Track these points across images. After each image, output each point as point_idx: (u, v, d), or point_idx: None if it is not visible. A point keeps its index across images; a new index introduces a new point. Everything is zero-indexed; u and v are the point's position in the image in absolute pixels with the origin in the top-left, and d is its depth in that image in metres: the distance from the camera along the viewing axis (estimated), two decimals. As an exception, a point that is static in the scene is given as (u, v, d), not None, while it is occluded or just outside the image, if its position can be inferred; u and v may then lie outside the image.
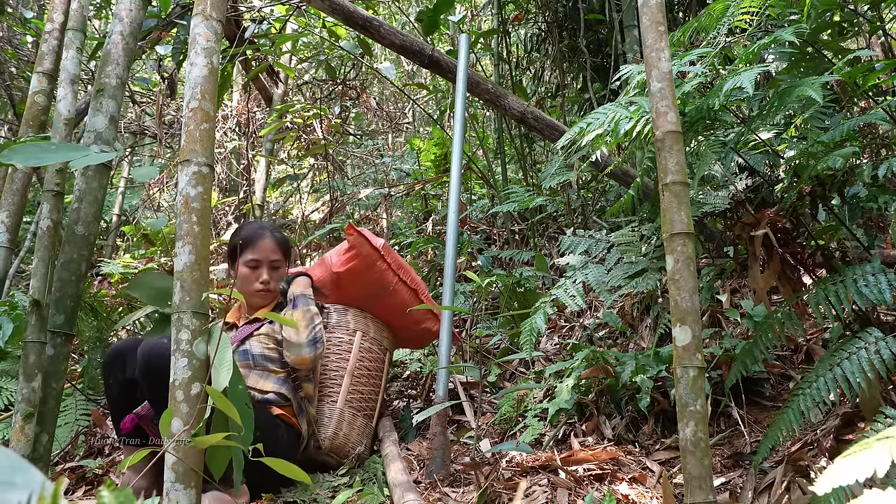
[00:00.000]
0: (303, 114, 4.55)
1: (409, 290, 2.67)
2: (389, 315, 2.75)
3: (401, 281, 2.65)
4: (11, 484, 0.43)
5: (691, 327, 1.38)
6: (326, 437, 2.48)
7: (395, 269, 2.63)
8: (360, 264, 2.58)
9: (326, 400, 2.55)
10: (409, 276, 2.68)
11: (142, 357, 1.96)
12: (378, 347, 2.72)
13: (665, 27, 1.56)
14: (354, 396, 2.58)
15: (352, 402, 2.56)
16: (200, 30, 1.58)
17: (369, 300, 2.69)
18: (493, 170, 4.74)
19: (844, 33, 2.09)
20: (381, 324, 2.77)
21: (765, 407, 2.20)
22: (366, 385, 2.64)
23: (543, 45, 4.94)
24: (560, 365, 2.63)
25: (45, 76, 1.95)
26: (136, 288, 1.55)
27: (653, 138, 1.55)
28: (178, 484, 1.32)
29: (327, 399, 2.55)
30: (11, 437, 1.60)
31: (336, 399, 2.54)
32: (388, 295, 2.65)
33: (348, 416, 2.53)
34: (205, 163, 1.51)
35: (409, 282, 2.67)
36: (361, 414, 2.58)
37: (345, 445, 2.50)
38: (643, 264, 2.24)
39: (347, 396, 2.55)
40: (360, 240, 2.57)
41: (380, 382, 2.71)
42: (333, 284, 2.65)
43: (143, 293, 1.55)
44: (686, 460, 1.32)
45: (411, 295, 2.68)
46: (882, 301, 1.60)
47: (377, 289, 2.64)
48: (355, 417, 2.55)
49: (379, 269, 2.60)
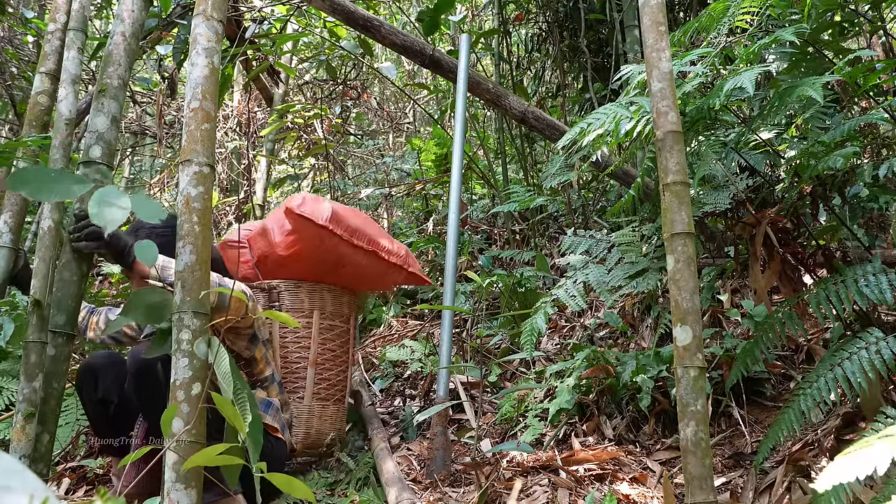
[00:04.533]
0: (303, 114, 4.55)
1: (367, 253, 2.48)
2: (348, 281, 2.62)
3: (355, 248, 2.45)
4: (8, 488, 0.43)
5: (692, 327, 1.38)
6: (298, 440, 2.42)
7: (349, 237, 2.41)
8: (305, 247, 2.41)
9: (292, 397, 2.46)
10: (364, 238, 2.47)
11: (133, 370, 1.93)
12: (339, 320, 2.59)
13: (666, 27, 1.56)
14: (321, 386, 2.49)
15: (319, 392, 2.48)
16: (201, 30, 1.58)
17: (323, 274, 2.55)
18: (494, 170, 4.74)
19: (845, 33, 2.09)
20: (339, 289, 2.62)
21: (765, 407, 2.20)
22: (331, 369, 2.54)
23: (544, 45, 4.93)
24: (561, 365, 2.63)
25: (47, 76, 1.95)
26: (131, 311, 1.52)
27: (653, 138, 1.55)
28: (179, 484, 1.33)
29: (293, 397, 2.46)
30: (12, 436, 1.60)
31: (302, 395, 2.46)
32: (344, 265, 2.50)
33: (318, 409, 2.46)
34: (206, 163, 1.51)
35: (364, 245, 2.46)
36: (331, 401, 2.51)
37: (319, 440, 2.45)
38: (644, 264, 2.24)
39: (314, 389, 2.47)
40: (302, 223, 2.35)
41: (346, 358, 2.61)
42: (278, 264, 2.48)
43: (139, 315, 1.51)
44: (687, 460, 1.32)
45: (370, 257, 2.49)
46: (883, 301, 1.60)
47: (330, 263, 2.49)
48: (325, 408, 2.48)
49: (329, 244, 2.40)
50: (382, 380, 3.31)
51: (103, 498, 0.62)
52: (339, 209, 2.42)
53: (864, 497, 1.44)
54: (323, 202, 2.40)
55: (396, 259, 2.58)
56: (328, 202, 2.41)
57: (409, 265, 2.63)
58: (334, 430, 2.50)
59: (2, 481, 0.43)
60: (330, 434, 2.48)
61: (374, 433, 2.53)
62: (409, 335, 3.73)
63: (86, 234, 1.68)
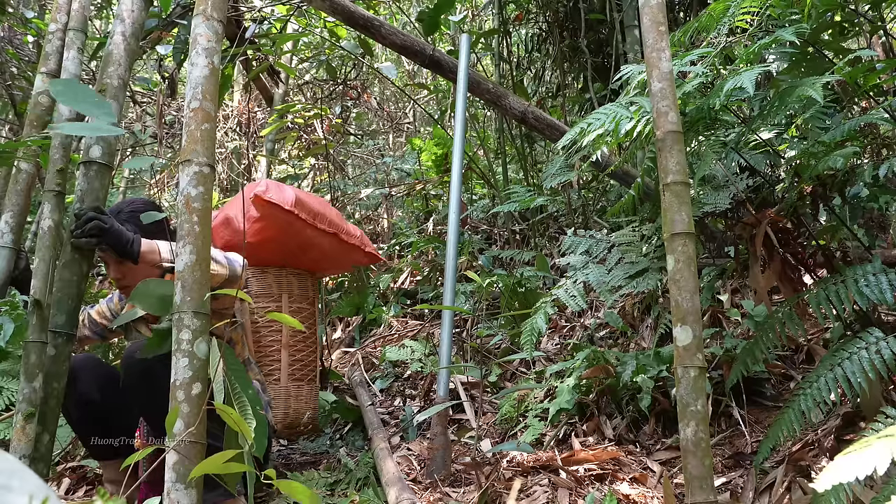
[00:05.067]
0: (304, 114, 4.56)
1: (329, 236, 2.57)
2: (311, 264, 2.70)
3: (318, 231, 2.52)
4: (9, 488, 0.43)
5: (692, 327, 1.38)
6: (278, 420, 2.50)
7: (312, 221, 2.49)
8: (273, 233, 2.46)
9: (268, 380, 2.53)
10: (325, 221, 2.55)
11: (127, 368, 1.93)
12: (306, 302, 2.67)
13: (666, 27, 1.56)
14: (295, 367, 2.57)
15: (294, 374, 2.56)
16: (201, 30, 1.58)
17: (289, 258, 2.62)
18: (494, 170, 4.74)
19: (845, 33, 2.09)
20: (303, 272, 2.70)
21: (766, 407, 2.20)
22: (303, 350, 2.62)
23: (544, 45, 4.93)
24: (561, 365, 2.63)
25: (48, 76, 1.95)
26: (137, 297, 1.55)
27: (654, 138, 1.55)
28: (179, 484, 1.33)
29: (269, 379, 2.53)
30: (12, 436, 1.60)
31: (278, 377, 2.53)
32: (309, 248, 2.57)
33: (294, 390, 2.54)
34: (206, 163, 1.51)
35: (326, 227, 2.55)
36: (305, 381, 2.59)
37: (296, 419, 2.53)
38: (644, 264, 2.24)
39: (289, 371, 2.54)
40: (270, 209, 2.40)
41: (315, 339, 2.69)
42: (246, 251, 2.48)
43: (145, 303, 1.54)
44: (687, 460, 1.32)
45: (331, 239, 2.58)
46: (883, 301, 1.61)
47: (296, 247, 2.56)
48: (300, 388, 2.56)
49: (295, 228, 2.47)
50: (382, 380, 3.31)
51: (103, 498, 0.62)
52: (301, 194, 2.50)
53: (864, 497, 1.44)
54: (285, 188, 2.46)
55: (354, 240, 2.68)
56: (290, 188, 2.48)
57: (365, 245, 2.75)
58: (310, 409, 2.59)
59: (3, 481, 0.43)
60: (306, 413, 2.57)
61: (374, 433, 2.53)
62: (409, 335, 3.74)
63: (87, 229, 1.68)
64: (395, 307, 4.11)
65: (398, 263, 4.76)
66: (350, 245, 2.66)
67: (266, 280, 2.60)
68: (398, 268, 4.66)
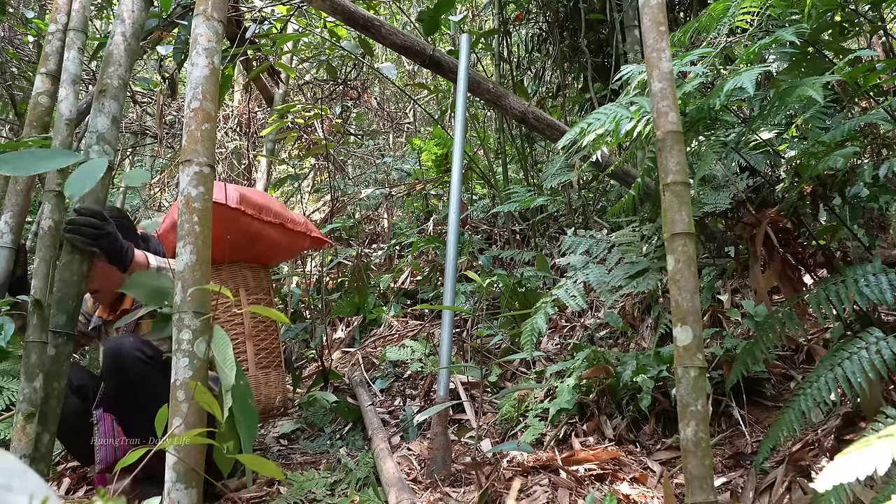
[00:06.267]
0: (304, 114, 4.55)
1: (276, 227, 2.63)
2: (262, 255, 2.75)
3: (265, 223, 2.58)
4: (9, 488, 0.43)
5: (692, 327, 1.38)
6: None
7: (258, 214, 2.55)
8: (223, 231, 2.47)
9: None
10: (270, 213, 2.60)
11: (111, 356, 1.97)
12: (262, 293, 2.73)
13: (666, 27, 1.55)
14: (261, 356, 2.63)
15: (260, 362, 2.62)
16: (202, 30, 1.58)
17: (239, 253, 2.65)
18: (494, 170, 4.74)
19: (845, 33, 2.09)
20: (255, 264, 2.76)
21: (766, 407, 2.20)
22: (266, 339, 2.68)
23: (544, 45, 4.94)
24: (561, 365, 2.63)
25: (48, 77, 1.95)
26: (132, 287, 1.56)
27: (654, 138, 1.55)
28: (179, 483, 1.33)
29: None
30: (13, 436, 1.60)
31: (247, 367, 2.60)
32: (258, 241, 2.62)
33: (262, 377, 2.61)
34: (206, 163, 1.51)
35: (272, 219, 2.60)
36: (272, 368, 2.66)
37: (268, 404, 2.61)
38: (644, 264, 2.24)
39: (255, 360, 2.61)
40: (217, 210, 2.31)
41: (276, 327, 2.76)
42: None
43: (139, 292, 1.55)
44: (687, 460, 1.32)
45: (278, 229, 2.64)
46: (883, 301, 1.60)
47: (246, 242, 2.60)
48: (268, 375, 2.63)
49: (243, 224, 2.52)
50: (383, 380, 3.31)
51: (103, 498, 0.62)
52: (243, 190, 2.56)
53: (864, 497, 1.44)
54: (228, 186, 2.52)
55: (300, 227, 2.75)
56: (232, 186, 2.54)
57: (310, 231, 2.80)
58: (279, 393, 2.68)
59: (3, 481, 0.43)
60: (276, 397, 2.66)
61: (374, 433, 2.53)
62: (409, 335, 3.74)
63: (82, 231, 1.70)
64: (396, 307, 4.11)
65: (398, 263, 4.76)
66: (296, 233, 2.73)
67: (221, 277, 2.66)
68: (398, 268, 4.66)
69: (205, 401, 1.29)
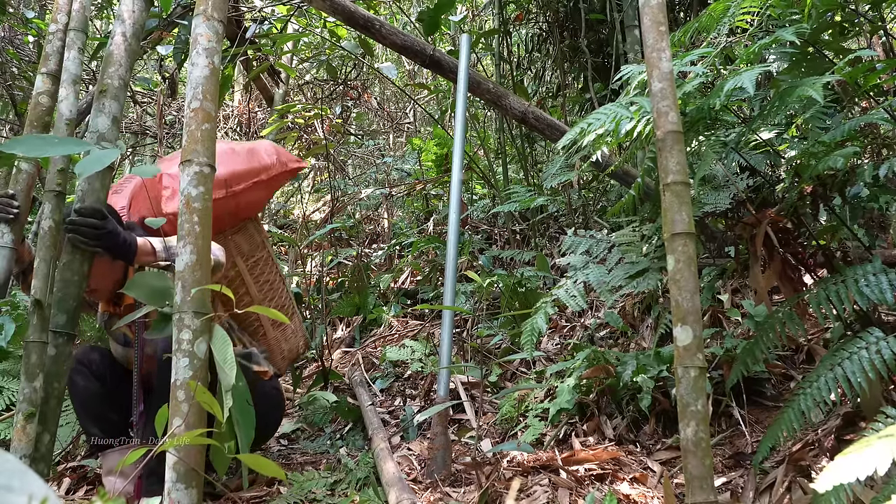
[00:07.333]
0: (304, 114, 4.56)
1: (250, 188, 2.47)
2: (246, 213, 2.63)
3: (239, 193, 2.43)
4: (9, 488, 0.43)
5: (692, 327, 1.38)
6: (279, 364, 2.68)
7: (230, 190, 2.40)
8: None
9: (255, 337, 2.63)
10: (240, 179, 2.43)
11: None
12: (258, 250, 2.65)
13: (666, 27, 1.56)
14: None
15: (275, 322, 2.65)
16: (202, 30, 1.58)
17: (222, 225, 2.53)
18: (495, 170, 4.74)
19: (845, 33, 2.09)
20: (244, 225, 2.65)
21: (766, 407, 2.20)
22: (274, 297, 2.70)
23: (544, 45, 4.94)
24: (561, 365, 2.63)
25: (48, 77, 1.95)
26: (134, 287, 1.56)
27: (654, 138, 1.55)
28: (180, 483, 1.33)
29: (256, 336, 2.63)
30: (13, 436, 1.60)
31: (264, 333, 2.64)
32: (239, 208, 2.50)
33: (280, 335, 2.68)
34: (206, 163, 1.51)
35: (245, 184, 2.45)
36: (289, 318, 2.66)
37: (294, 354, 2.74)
38: (644, 264, 2.24)
39: (270, 321, 2.64)
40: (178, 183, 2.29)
41: (281, 277, 2.76)
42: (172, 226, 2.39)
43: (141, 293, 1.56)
44: (687, 460, 1.32)
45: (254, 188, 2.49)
46: (883, 301, 1.61)
47: (228, 214, 2.49)
48: (284, 331, 2.69)
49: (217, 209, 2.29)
50: (383, 380, 3.31)
51: (103, 498, 0.62)
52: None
53: (864, 497, 1.44)
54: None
55: (275, 171, 2.56)
56: None
57: (286, 165, 2.62)
58: (301, 340, 2.77)
59: (3, 481, 0.43)
60: (299, 345, 2.77)
61: (375, 433, 2.52)
62: (409, 335, 3.74)
63: (82, 231, 1.70)
64: (396, 307, 4.11)
65: (398, 263, 4.76)
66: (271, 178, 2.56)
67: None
68: (398, 268, 4.66)
69: (205, 401, 1.29)
